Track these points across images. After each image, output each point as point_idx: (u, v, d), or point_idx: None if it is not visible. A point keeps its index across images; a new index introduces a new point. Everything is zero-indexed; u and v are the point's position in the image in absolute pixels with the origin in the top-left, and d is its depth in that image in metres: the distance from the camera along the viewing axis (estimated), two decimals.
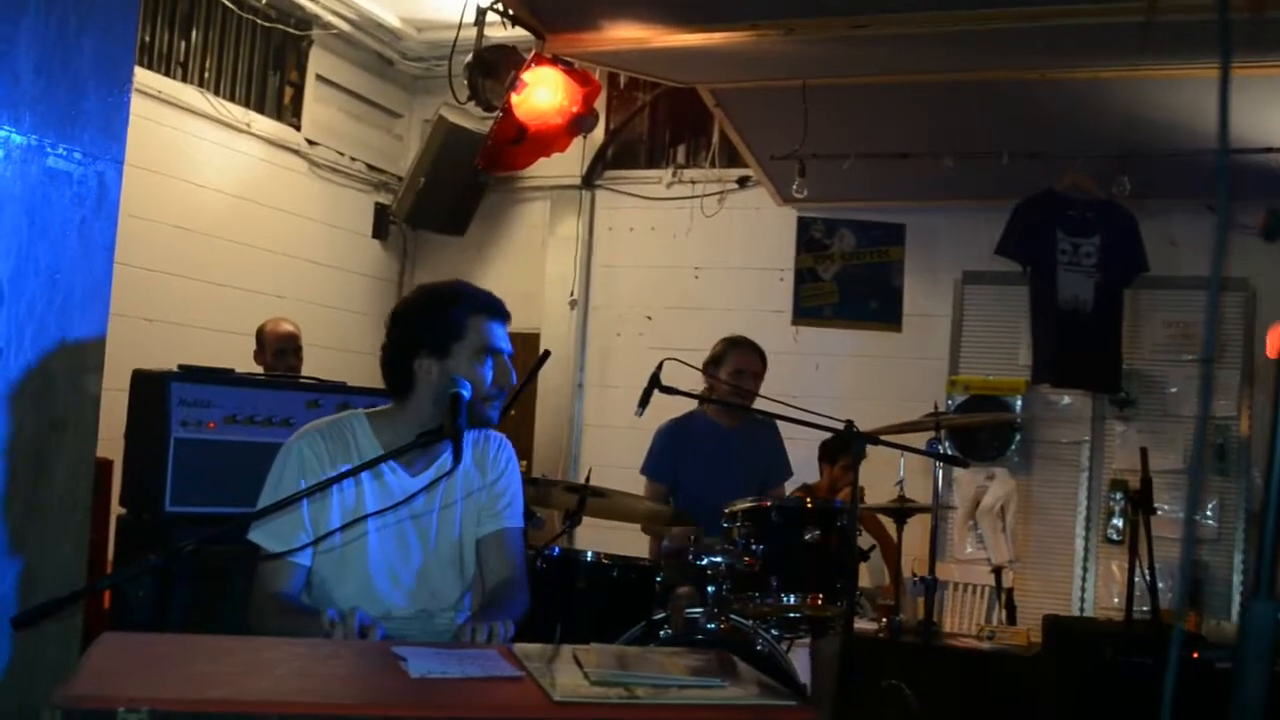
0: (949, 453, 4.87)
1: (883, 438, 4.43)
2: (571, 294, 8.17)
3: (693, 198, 7.99)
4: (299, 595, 2.90)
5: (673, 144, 8.17)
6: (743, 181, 7.85)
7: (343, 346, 8.02)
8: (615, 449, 7.80)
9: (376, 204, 8.36)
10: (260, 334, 6.16)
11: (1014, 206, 6.47)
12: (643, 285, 8.15)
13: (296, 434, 3.00)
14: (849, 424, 4.32)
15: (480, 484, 3.11)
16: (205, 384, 3.93)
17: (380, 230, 8.41)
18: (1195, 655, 4.88)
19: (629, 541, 5.52)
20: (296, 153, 7.65)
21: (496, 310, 3.12)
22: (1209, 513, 6.75)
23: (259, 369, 6.06)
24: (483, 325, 3.04)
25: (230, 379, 4.13)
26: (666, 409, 5.04)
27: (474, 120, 7.44)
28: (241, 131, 7.20)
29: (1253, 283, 6.80)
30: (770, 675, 3.86)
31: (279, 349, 6.08)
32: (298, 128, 7.67)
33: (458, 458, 2.73)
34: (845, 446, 5.01)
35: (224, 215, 7.09)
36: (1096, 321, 6.38)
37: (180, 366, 4.03)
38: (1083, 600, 6.94)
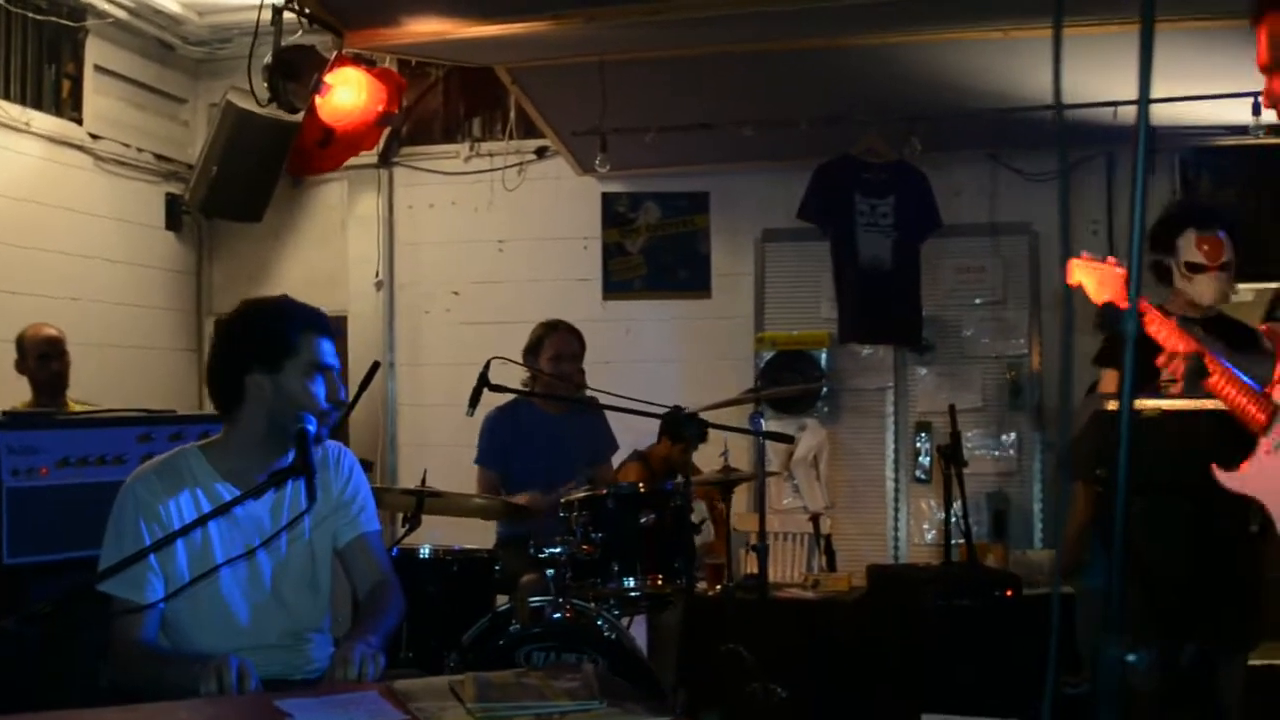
0: (769, 429, 5.05)
1: (709, 419, 4.56)
2: (376, 274, 8.10)
3: (492, 170, 7.98)
4: (156, 637, 2.88)
5: (468, 117, 8.13)
6: (541, 152, 7.87)
7: (145, 344, 7.83)
8: (431, 427, 7.84)
9: (168, 195, 8.11)
10: (20, 341, 5.94)
11: (812, 172, 6.69)
12: (447, 261, 8.12)
13: (131, 477, 2.97)
14: (676, 409, 4.44)
15: (327, 499, 3.12)
16: (31, 429, 3.81)
17: (173, 222, 8.17)
18: (1009, 593, 5.19)
19: (464, 531, 5.58)
20: (80, 148, 7.37)
21: (324, 327, 3.13)
22: (1010, 448, 7.13)
23: (22, 377, 5.88)
24: (313, 341, 3.04)
25: (56, 421, 4.03)
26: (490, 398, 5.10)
27: (262, 93, 7.29)
28: (20, 131, 6.91)
29: (1035, 227, 7.17)
30: (617, 659, 4.01)
31: (41, 354, 5.88)
32: (79, 122, 7.39)
33: (312, 496, 2.75)
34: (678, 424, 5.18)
35: (6, 220, 6.82)
36: (896, 279, 6.68)
37: (2, 414, 3.91)
38: (897, 539, 7.26)
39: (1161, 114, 6.01)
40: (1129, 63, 1.72)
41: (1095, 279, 3.33)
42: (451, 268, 8.11)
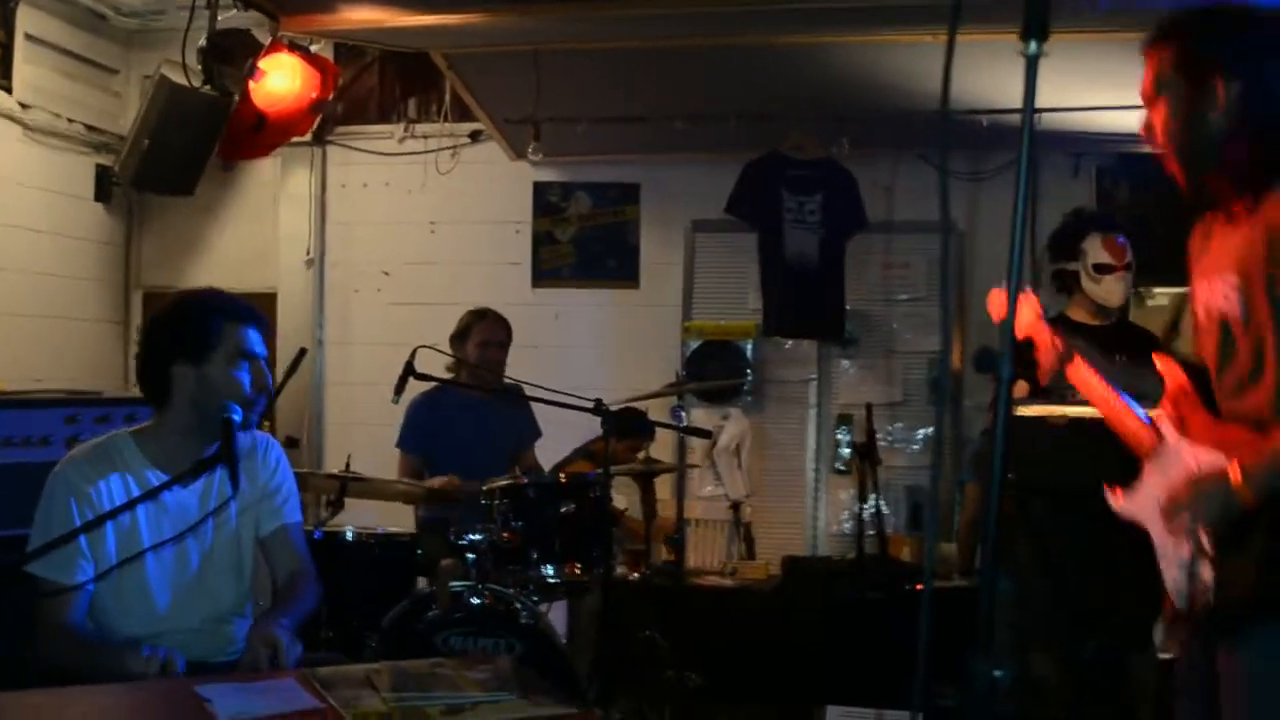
0: (693, 418, 5.19)
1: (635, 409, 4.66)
2: (308, 252, 8.10)
3: (426, 152, 8.00)
4: (84, 620, 2.93)
5: (403, 99, 8.12)
6: (475, 136, 7.89)
7: (71, 315, 7.78)
8: (359, 405, 7.85)
9: (98, 166, 8.05)
10: None
11: (741, 168, 6.79)
12: (379, 241, 8.13)
13: (63, 461, 3.03)
14: (597, 402, 4.53)
15: (254, 488, 3.19)
16: None
17: (103, 193, 8.11)
18: (919, 587, 5.33)
19: (385, 514, 5.63)
20: (10, 118, 7.31)
21: (251, 316, 3.19)
22: (930, 440, 7.29)
23: None
24: (238, 331, 3.11)
25: None
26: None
27: (198, 78, 7.27)
28: None
29: (961, 226, 7.31)
30: (535, 645, 4.10)
31: None
32: (9, 90, 7.31)
33: (235, 484, 2.82)
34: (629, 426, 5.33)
35: None
36: (821, 275, 6.80)
37: None
38: (815, 528, 7.39)
39: (1081, 121, 6.18)
40: (1053, 70, 1.84)
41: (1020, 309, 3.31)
42: (383, 248, 8.11)
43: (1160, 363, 2.73)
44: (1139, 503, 2.68)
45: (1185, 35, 2.56)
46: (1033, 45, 1.74)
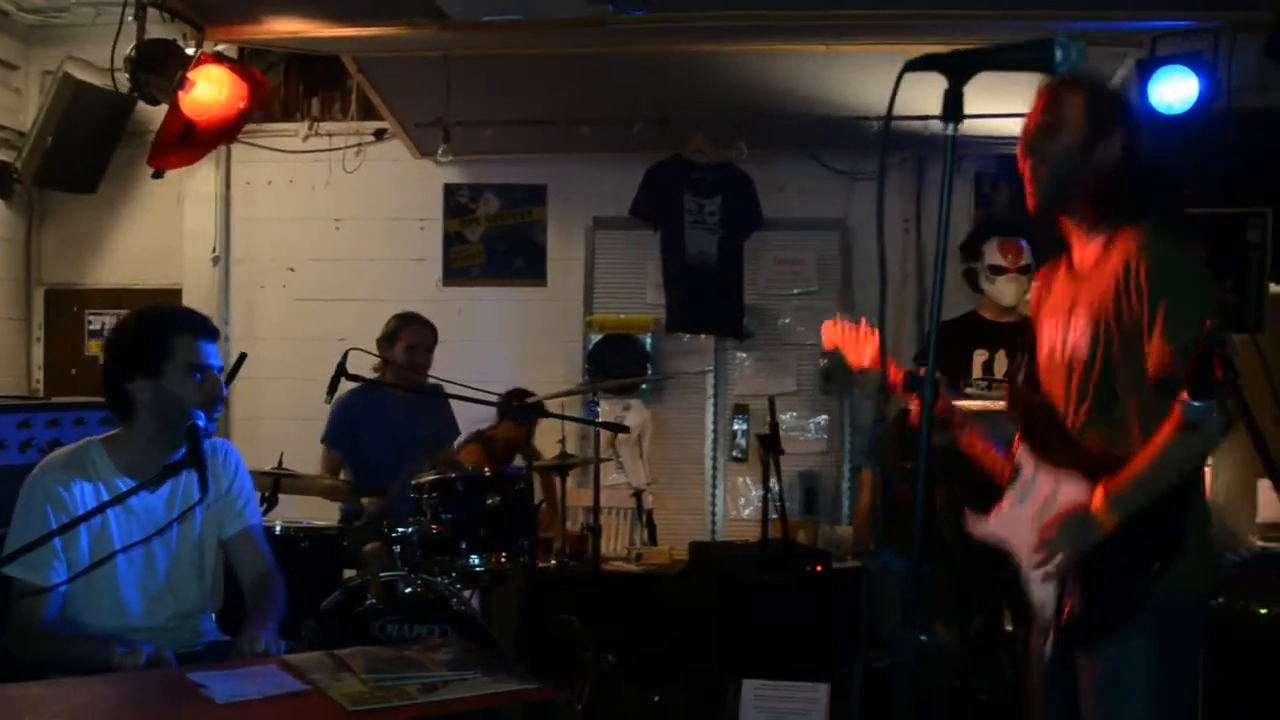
0: (605, 419, 5.49)
1: (549, 407, 4.92)
2: (213, 249, 8.18)
3: (331, 150, 8.12)
4: (58, 617, 3.12)
5: (307, 97, 8.23)
6: (379, 134, 8.01)
7: None
8: (266, 400, 7.97)
9: None
10: None
11: (645, 171, 7.09)
12: (285, 238, 8.22)
13: (39, 467, 3.21)
14: (517, 390, 4.78)
15: (215, 492, 3.39)
16: None
17: (3, 189, 8.12)
18: (819, 569, 5.67)
19: (305, 507, 5.79)
20: None
21: (202, 329, 3.39)
22: (823, 428, 7.64)
23: None
24: (190, 344, 3.31)
25: None
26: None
27: (99, 75, 7.33)
28: None
29: (850, 222, 7.66)
30: (465, 631, 4.34)
31: None
32: None
33: (205, 488, 3.02)
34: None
35: None
36: (721, 274, 7.15)
37: None
38: (714, 515, 7.71)
39: (964, 126, 6.54)
40: (940, 80, 2.15)
41: (850, 347, 3.53)
42: (288, 244, 8.22)
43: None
44: (999, 526, 2.99)
45: (1095, 87, 2.92)
46: (951, 127, 2.02)
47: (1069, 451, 2.87)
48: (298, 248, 8.21)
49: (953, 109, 2.03)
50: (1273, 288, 6.61)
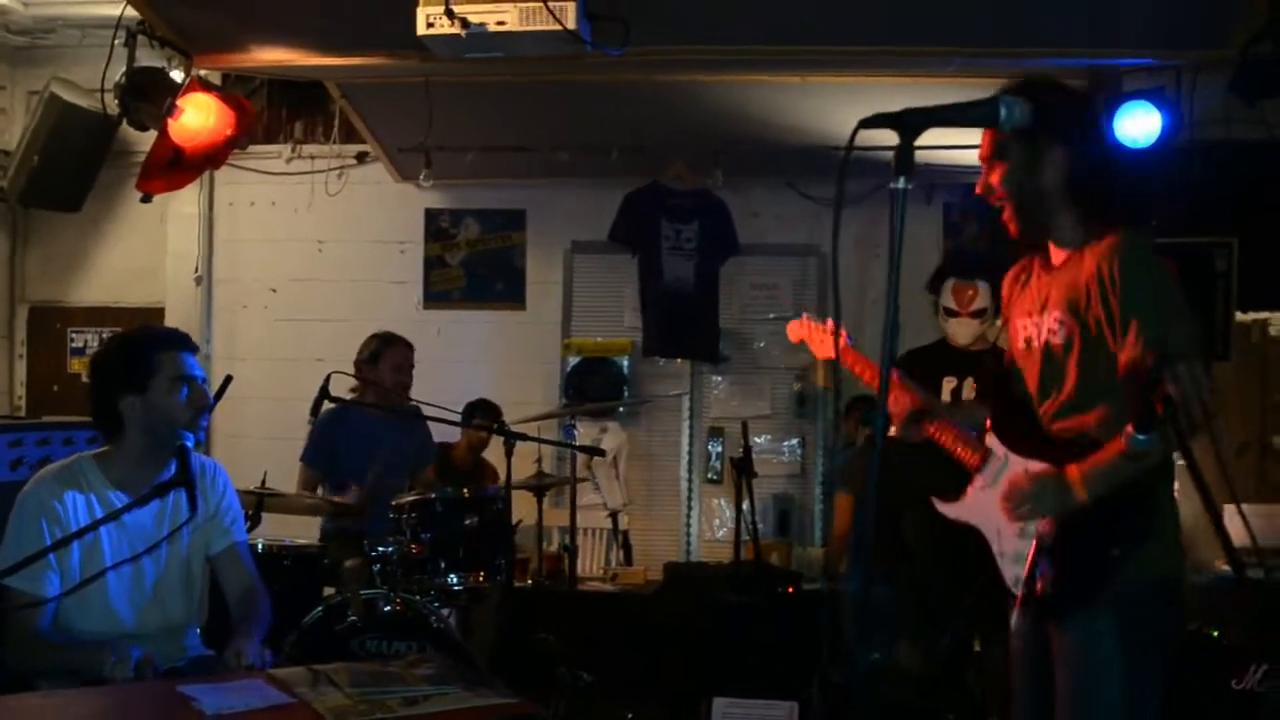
0: (582, 441, 5.61)
1: (527, 430, 5.04)
2: (196, 270, 8.28)
3: (313, 173, 8.23)
4: (50, 627, 3.21)
5: (290, 120, 8.34)
6: (361, 157, 8.14)
7: None
8: (247, 419, 8.04)
9: None
10: None
11: (623, 197, 7.23)
12: (267, 259, 8.33)
13: (32, 480, 3.32)
14: (490, 407, 4.86)
15: (204, 510, 3.49)
16: None
17: None
18: (790, 590, 5.78)
19: (285, 525, 5.87)
20: None
21: (183, 343, 3.52)
22: (796, 451, 7.76)
23: None
24: (174, 358, 3.43)
25: None
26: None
27: (85, 96, 7.44)
28: None
29: (824, 249, 7.80)
30: (443, 648, 4.43)
31: None
32: None
33: (194, 505, 3.13)
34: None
35: None
36: (697, 298, 7.29)
37: None
38: (689, 536, 7.82)
39: (934, 155, 6.69)
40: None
41: (815, 339, 3.83)
42: (270, 265, 8.33)
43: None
44: (969, 508, 3.13)
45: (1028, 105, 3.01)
46: (901, 181, 2.13)
47: (1039, 441, 3.00)
48: (280, 269, 8.32)
49: (903, 164, 2.13)
50: (1239, 316, 6.78)
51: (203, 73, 5.36)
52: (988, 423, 3.17)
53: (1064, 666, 2.89)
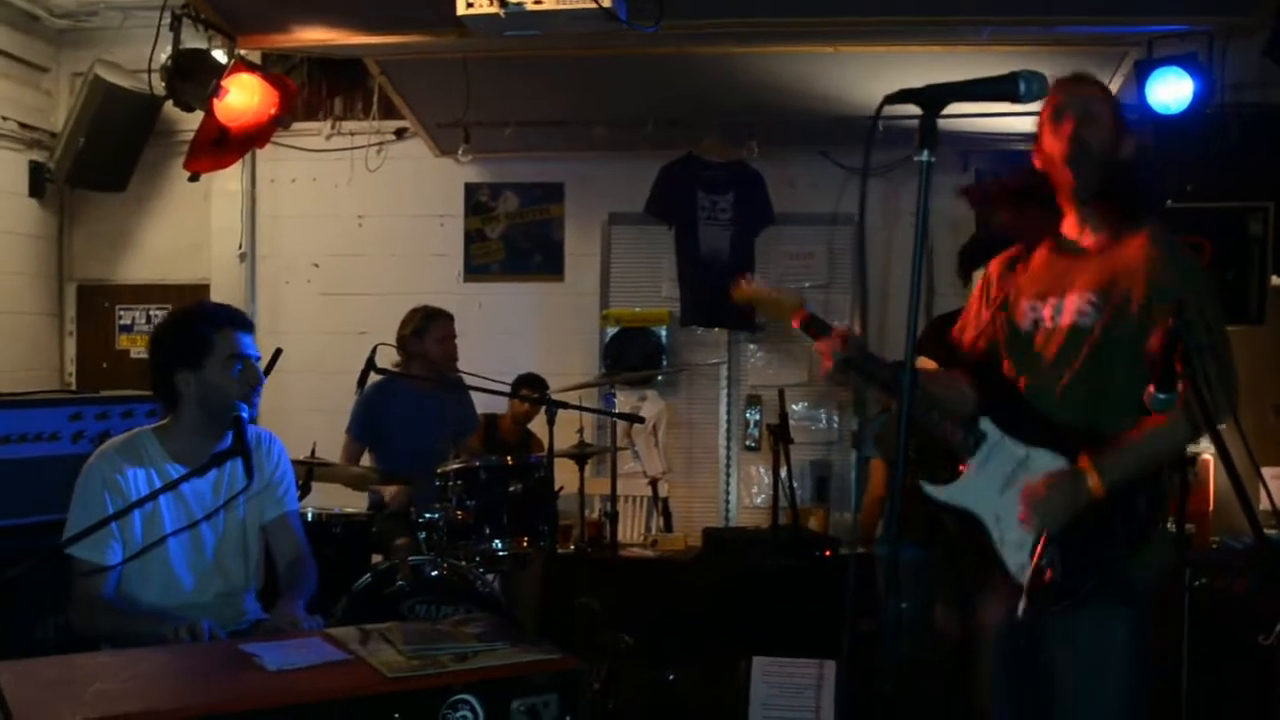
0: (621, 410, 5.73)
1: (569, 399, 5.15)
2: (240, 246, 8.42)
3: (353, 149, 8.34)
4: (114, 593, 3.35)
5: (330, 96, 8.44)
6: (400, 133, 8.24)
7: (6, 308, 8.04)
8: (290, 393, 8.17)
9: (31, 162, 8.30)
10: None
11: (659, 170, 7.32)
12: (308, 234, 8.46)
13: (95, 455, 3.45)
14: (538, 380, 4.96)
15: (259, 479, 3.62)
16: None
17: (36, 189, 8.36)
18: (828, 553, 5.88)
19: (331, 495, 6.00)
20: None
21: (238, 321, 3.62)
22: (833, 417, 7.85)
23: None
24: (229, 336, 3.54)
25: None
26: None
27: (128, 77, 7.59)
28: None
29: (857, 218, 7.83)
30: (490, 611, 4.56)
31: None
32: None
33: (250, 474, 3.26)
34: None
35: None
36: (733, 268, 7.31)
37: None
38: (728, 502, 7.93)
39: (969, 124, 6.74)
40: (949, 77, 2.30)
41: (765, 300, 3.58)
42: (312, 241, 8.46)
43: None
44: (961, 491, 3.08)
45: (1108, 92, 3.11)
46: (925, 154, 2.20)
47: (1042, 426, 3.03)
48: (321, 244, 8.45)
49: (928, 138, 2.21)
50: (1274, 280, 6.78)
51: (243, 52, 5.46)
52: (974, 402, 3.17)
53: (1070, 655, 2.95)
